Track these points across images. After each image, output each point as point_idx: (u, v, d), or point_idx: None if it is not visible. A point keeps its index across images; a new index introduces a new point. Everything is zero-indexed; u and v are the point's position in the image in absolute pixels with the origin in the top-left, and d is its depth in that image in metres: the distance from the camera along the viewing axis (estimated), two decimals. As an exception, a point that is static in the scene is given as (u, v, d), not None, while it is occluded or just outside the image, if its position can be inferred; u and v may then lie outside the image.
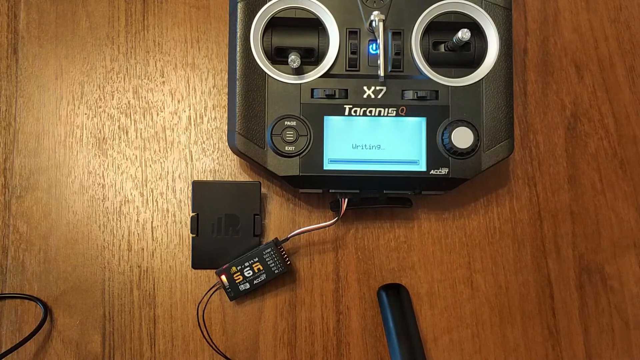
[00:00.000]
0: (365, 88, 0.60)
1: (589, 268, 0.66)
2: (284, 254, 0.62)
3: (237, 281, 0.61)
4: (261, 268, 0.61)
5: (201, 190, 0.63)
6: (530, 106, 0.68)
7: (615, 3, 0.70)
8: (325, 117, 0.59)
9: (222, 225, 0.63)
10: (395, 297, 0.62)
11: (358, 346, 0.63)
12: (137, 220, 0.64)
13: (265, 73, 0.59)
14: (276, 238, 0.62)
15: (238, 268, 0.61)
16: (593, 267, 0.66)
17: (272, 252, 0.61)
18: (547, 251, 0.66)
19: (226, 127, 0.64)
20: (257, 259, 0.61)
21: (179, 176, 0.65)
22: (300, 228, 0.63)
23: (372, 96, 0.60)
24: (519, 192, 0.67)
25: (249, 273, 0.61)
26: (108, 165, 0.65)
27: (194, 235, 0.63)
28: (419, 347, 0.61)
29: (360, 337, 0.63)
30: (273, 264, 0.61)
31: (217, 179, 0.65)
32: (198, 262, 0.63)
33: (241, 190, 0.63)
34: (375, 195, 0.62)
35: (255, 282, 0.61)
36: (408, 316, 0.62)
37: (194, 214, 0.63)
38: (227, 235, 0.63)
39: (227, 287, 0.61)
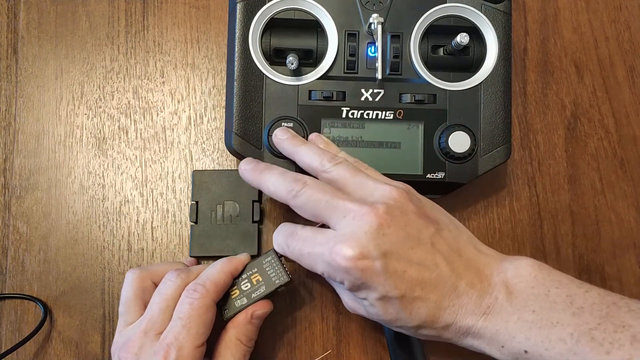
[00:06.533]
0: (363, 91, 0.59)
1: (588, 268, 0.66)
2: (283, 263, 0.57)
3: (232, 296, 0.56)
4: (260, 279, 0.56)
5: (201, 179, 0.63)
6: (530, 106, 0.68)
7: (615, 3, 0.70)
8: (323, 119, 0.59)
9: (223, 212, 0.63)
10: (394, 297, 0.62)
11: (358, 346, 0.63)
12: (137, 221, 0.65)
13: (263, 74, 0.59)
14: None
15: (234, 280, 0.56)
16: (593, 267, 0.66)
17: (272, 262, 0.57)
18: (547, 251, 0.66)
19: (226, 127, 0.64)
20: (255, 270, 0.57)
21: (179, 176, 0.65)
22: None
23: (370, 99, 0.59)
24: (519, 192, 0.66)
25: (247, 286, 0.56)
26: (108, 166, 0.65)
27: (193, 223, 0.63)
28: (419, 347, 0.61)
29: (360, 337, 0.63)
30: (274, 274, 0.56)
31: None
32: (197, 250, 0.62)
33: (240, 178, 0.63)
34: (374, 196, 0.62)
35: (253, 295, 0.56)
36: (406, 317, 0.62)
37: (193, 202, 0.63)
38: (227, 222, 0.63)
39: (220, 304, 0.56)
